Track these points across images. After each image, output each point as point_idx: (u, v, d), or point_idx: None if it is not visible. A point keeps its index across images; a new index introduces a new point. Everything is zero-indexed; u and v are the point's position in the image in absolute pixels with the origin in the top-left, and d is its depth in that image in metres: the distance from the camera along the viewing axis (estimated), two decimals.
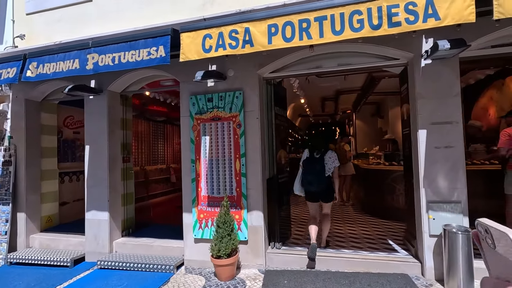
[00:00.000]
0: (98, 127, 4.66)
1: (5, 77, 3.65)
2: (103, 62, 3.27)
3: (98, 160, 4.64)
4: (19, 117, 5.15)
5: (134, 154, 8.02)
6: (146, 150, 8.68)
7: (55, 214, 5.68)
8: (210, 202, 4.02)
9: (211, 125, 4.06)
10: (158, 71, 4.46)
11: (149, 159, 8.81)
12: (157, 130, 9.36)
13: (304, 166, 4.07)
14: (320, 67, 4.10)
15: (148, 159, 8.78)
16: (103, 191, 4.60)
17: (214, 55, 2.88)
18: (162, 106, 8.42)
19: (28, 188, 5.11)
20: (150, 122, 8.95)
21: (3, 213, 5.02)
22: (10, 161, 5.10)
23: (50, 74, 3.47)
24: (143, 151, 8.54)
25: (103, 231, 4.57)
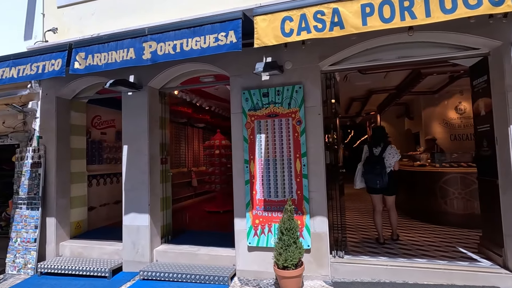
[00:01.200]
0: (138, 125, 4.33)
1: (49, 70, 3.33)
2: (162, 51, 2.95)
3: (137, 161, 4.30)
4: (50, 116, 4.82)
5: None
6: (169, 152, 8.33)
7: (84, 220, 5.32)
8: (267, 206, 3.67)
9: (267, 122, 3.73)
10: (204, 65, 4.15)
11: (172, 162, 8.46)
12: (179, 132, 9.03)
13: (365, 164, 4.31)
14: (378, 60, 3.79)
15: (171, 162, 8.42)
16: (143, 195, 4.25)
17: (296, 39, 2.56)
18: (187, 106, 8.10)
19: (58, 192, 4.77)
20: (172, 123, 8.62)
21: (32, 219, 4.66)
22: (40, 162, 4.76)
23: (102, 66, 3.15)
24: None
25: (143, 238, 4.21)
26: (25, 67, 3.48)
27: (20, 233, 4.68)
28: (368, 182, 4.24)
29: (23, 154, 4.91)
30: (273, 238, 3.60)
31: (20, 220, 4.73)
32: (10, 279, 4.38)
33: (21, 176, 4.87)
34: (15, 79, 3.51)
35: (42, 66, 3.40)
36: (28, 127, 5.05)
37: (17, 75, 3.49)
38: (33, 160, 4.81)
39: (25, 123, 5.06)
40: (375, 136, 4.42)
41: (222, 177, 7.04)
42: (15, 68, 3.52)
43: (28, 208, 4.72)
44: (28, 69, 3.46)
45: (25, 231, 4.66)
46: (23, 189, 4.81)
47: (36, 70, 3.42)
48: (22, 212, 4.75)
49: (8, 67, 3.54)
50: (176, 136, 8.80)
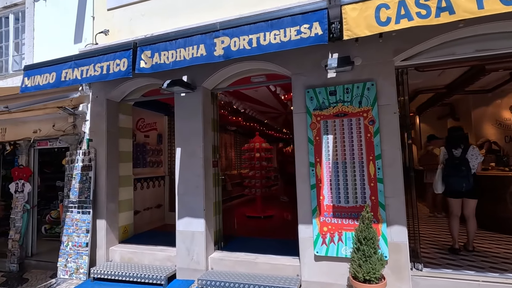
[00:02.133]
0: (192, 127, 4.18)
1: (115, 71, 3.23)
2: (236, 46, 2.77)
3: (191, 164, 4.15)
4: (100, 119, 4.78)
5: None
6: None
7: (131, 224, 5.23)
8: (336, 213, 3.40)
9: (335, 122, 3.48)
10: (263, 64, 3.95)
11: None
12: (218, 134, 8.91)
13: (447, 166, 4.04)
14: (453, 54, 3.46)
15: None
16: (198, 199, 4.08)
17: (395, 28, 2.31)
18: (222, 109, 7.96)
19: (108, 196, 4.69)
20: None
21: (83, 223, 4.60)
22: (90, 165, 4.71)
23: (170, 64, 3.01)
24: None
25: (198, 244, 4.03)
26: (88, 68, 3.40)
27: (71, 237, 4.63)
28: (453, 185, 3.95)
29: (73, 157, 4.89)
30: (344, 247, 3.33)
31: (71, 223, 4.68)
32: (62, 283, 4.32)
33: (72, 179, 4.84)
34: (79, 81, 3.44)
35: (106, 66, 3.31)
36: (78, 130, 5.03)
37: (80, 76, 3.42)
38: (84, 163, 4.77)
39: (75, 126, 5.05)
40: (454, 137, 4.12)
41: (263, 181, 6.82)
42: (77, 69, 3.45)
43: (79, 212, 4.67)
44: (91, 70, 3.38)
45: (77, 235, 4.60)
46: (73, 192, 4.77)
47: (100, 71, 3.33)
48: (73, 216, 4.70)
49: (70, 68, 3.48)
50: None
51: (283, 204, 8.67)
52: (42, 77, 3.64)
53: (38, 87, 3.65)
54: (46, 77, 3.62)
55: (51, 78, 3.59)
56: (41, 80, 3.64)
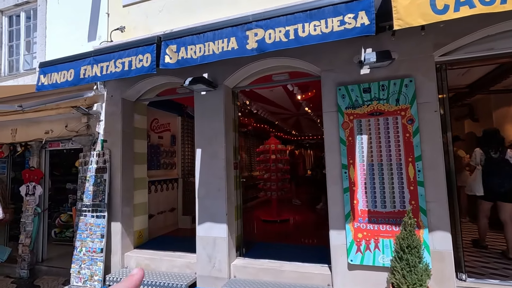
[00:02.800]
0: (214, 128, 3.99)
1: (137, 67, 3.04)
2: (271, 39, 2.57)
3: (213, 166, 3.95)
4: (115, 119, 4.59)
5: None
6: None
7: (145, 229, 5.03)
8: (372, 218, 3.18)
9: (369, 121, 3.27)
10: (290, 60, 3.76)
11: None
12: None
13: (487, 168, 3.97)
14: (492, 49, 3.25)
15: None
16: (220, 203, 3.88)
17: (453, 16, 2.11)
18: None
19: (123, 199, 4.50)
20: None
21: (97, 227, 4.40)
22: (105, 167, 4.52)
23: (198, 59, 2.82)
24: None
25: (220, 251, 3.82)
26: (108, 64, 3.22)
27: (85, 242, 4.43)
28: (493, 186, 3.94)
29: (87, 158, 4.70)
30: (382, 255, 3.10)
31: (85, 228, 4.48)
32: None
33: (85, 182, 4.65)
34: (99, 78, 3.26)
35: (128, 62, 3.12)
36: (91, 130, 4.85)
37: (100, 73, 3.24)
38: (98, 164, 4.58)
39: (88, 127, 4.87)
40: (492, 140, 4.07)
41: (278, 184, 6.60)
42: (97, 65, 3.27)
43: (93, 216, 4.47)
44: (112, 67, 3.20)
45: (91, 240, 4.40)
46: (87, 196, 4.58)
47: (121, 67, 3.15)
48: (87, 220, 4.51)
49: (89, 65, 3.30)
50: None
51: (296, 207, 8.44)
52: (60, 75, 3.46)
53: (55, 85, 3.48)
54: (64, 74, 3.44)
55: (69, 75, 3.41)
56: (58, 77, 3.46)
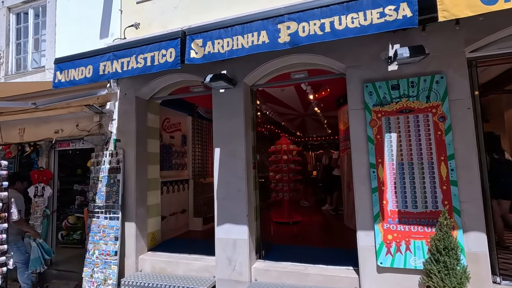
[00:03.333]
0: (233, 126, 3.88)
1: (160, 62, 2.93)
2: (305, 32, 2.47)
3: (233, 166, 3.84)
4: (129, 118, 4.47)
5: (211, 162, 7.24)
6: None
7: (158, 231, 4.89)
8: (403, 219, 3.07)
9: (399, 119, 3.18)
10: (310, 57, 3.67)
11: None
12: None
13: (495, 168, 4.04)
14: None
15: None
16: (240, 203, 3.76)
17: (504, 6, 2.02)
18: None
19: (137, 200, 4.37)
20: None
21: (111, 229, 4.27)
22: (118, 167, 4.39)
23: (225, 53, 2.72)
24: None
25: (240, 253, 3.70)
26: (129, 60, 3.10)
27: (98, 245, 4.29)
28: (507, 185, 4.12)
29: (99, 158, 4.58)
30: (413, 257, 2.99)
31: (98, 230, 4.35)
32: None
33: (98, 182, 4.52)
34: (120, 74, 3.13)
35: (150, 57, 3.01)
36: (103, 129, 4.73)
37: (121, 69, 3.12)
38: (111, 165, 4.46)
39: (100, 126, 4.75)
40: (495, 143, 4.32)
41: (290, 185, 6.50)
42: (117, 61, 3.15)
43: (107, 218, 4.34)
44: (133, 62, 3.08)
45: (104, 243, 4.26)
46: (100, 197, 4.44)
47: (143, 63, 3.04)
48: (99, 222, 4.37)
49: (109, 61, 3.18)
50: None
51: (305, 208, 8.33)
52: (77, 71, 3.34)
53: (73, 82, 3.36)
54: (82, 71, 3.32)
55: (87, 72, 3.29)
56: (76, 74, 3.35)
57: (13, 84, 3.91)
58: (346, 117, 5.79)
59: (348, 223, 5.74)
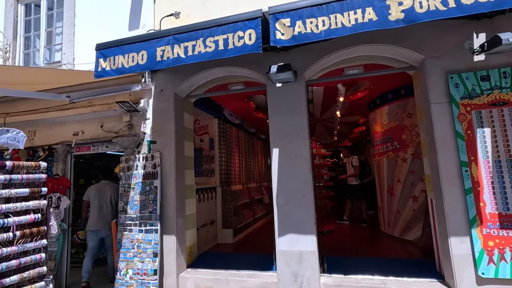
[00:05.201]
0: (294, 123, 3.49)
1: (237, 45, 2.51)
2: (423, 8, 2.16)
3: (294, 168, 3.43)
4: (167, 117, 3.98)
5: (236, 169, 6.79)
6: (244, 165, 7.45)
7: (194, 245, 4.34)
8: (505, 223, 2.76)
9: (492, 113, 2.91)
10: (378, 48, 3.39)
11: (246, 176, 7.55)
12: (251, 143, 8.20)
13: None
14: None
15: (246, 176, 7.52)
16: (305, 210, 3.34)
17: None
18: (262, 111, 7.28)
19: (177, 209, 3.84)
20: (246, 132, 7.80)
21: (148, 244, 3.70)
22: (155, 173, 3.87)
23: (321, 33, 2.36)
24: (242, 166, 7.30)
25: (308, 267, 3.25)
26: (195, 44, 2.68)
27: (131, 263, 3.70)
28: None
29: (131, 163, 4.03)
30: None
31: (131, 246, 3.76)
32: None
33: (129, 190, 3.96)
34: (184, 60, 2.69)
35: (223, 41, 2.60)
36: (134, 130, 4.19)
37: (185, 54, 2.69)
38: (146, 170, 3.92)
39: (130, 126, 4.21)
40: None
41: (323, 191, 6.11)
42: (179, 45, 2.71)
43: (142, 231, 3.77)
44: (200, 46, 2.66)
45: (139, 260, 3.68)
46: (133, 207, 3.88)
47: (214, 47, 2.62)
48: (133, 236, 3.79)
49: (169, 45, 2.74)
50: (248, 147, 7.94)
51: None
52: (127, 58, 2.87)
53: (121, 71, 2.88)
54: (133, 57, 2.85)
55: (140, 58, 2.83)
56: (125, 61, 2.87)
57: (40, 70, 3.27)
58: (384, 119, 5.58)
59: (390, 230, 5.40)
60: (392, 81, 4.79)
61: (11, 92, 3.15)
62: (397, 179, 5.16)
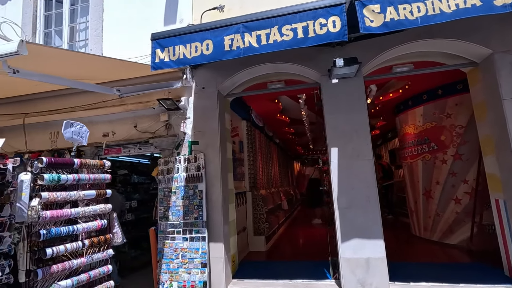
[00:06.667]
0: (354, 121, 3.31)
1: (318, 33, 2.30)
2: None
3: (356, 168, 3.23)
4: (210, 116, 3.74)
5: (260, 173, 6.54)
6: (266, 169, 7.20)
7: (236, 253, 4.05)
8: None
9: None
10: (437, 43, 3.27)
11: (267, 181, 7.30)
12: (269, 147, 7.97)
13: None
14: None
15: (267, 181, 7.26)
16: (371, 214, 3.13)
17: None
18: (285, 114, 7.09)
19: (224, 215, 3.56)
20: (265, 136, 7.58)
21: (195, 253, 3.40)
22: (199, 175, 3.59)
23: (417, 20, 2.19)
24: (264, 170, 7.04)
25: (376, 275, 3.02)
26: (269, 32, 2.47)
27: (176, 274, 3.38)
28: None
29: (170, 166, 3.74)
30: None
31: (175, 255, 3.45)
32: None
33: (170, 195, 3.65)
34: (257, 49, 2.47)
35: (302, 28, 2.40)
36: (173, 130, 3.91)
37: (257, 43, 2.47)
38: (188, 172, 3.64)
39: (168, 126, 3.93)
40: None
41: None
42: (250, 34, 2.50)
43: (186, 239, 3.46)
44: (276, 35, 2.44)
45: (186, 271, 3.37)
46: (175, 212, 3.58)
47: (292, 35, 2.41)
48: (176, 244, 3.48)
49: (238, 33, 2.52)
50: (267, 150, 7.70)
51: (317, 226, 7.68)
52: (189, 48, 2.63)
53: (183, 61, 2.64)
54: (196, 47, 2.61)
55: (205, 48, 2.59)
56: (187, 51, 2.63)
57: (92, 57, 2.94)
58: (418, 120, 5.47)
59: (427, 234, 5.22)
60: (432, 79, 4.68)
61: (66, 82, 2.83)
62: (436, 181, 5.01)
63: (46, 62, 2.73)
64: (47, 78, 2.77)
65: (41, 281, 1.72)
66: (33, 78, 2.59)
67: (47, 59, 2.63)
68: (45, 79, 2.77)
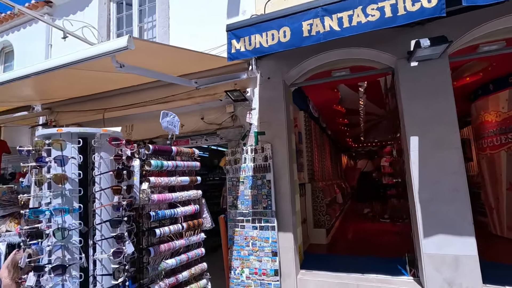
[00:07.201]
0: (436, 107, 3.03)
1: (410, 10, 2.12)
2: None
3: (439, 158, 2.96)
4: (276, 106, 3.72)
5: (316, 165, 6.40)
6: (320, 161, 7.04)
7: (301, 244, 4.03)
8: None
9: None
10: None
11: (322, 173, 7.14)
12: (322, 138, 7.78)
13: None
14: None
15: (322, 173, 7.11)
16: (459, 207, 2.86)
17: None
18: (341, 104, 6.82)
19: (292, 205, 3.55)
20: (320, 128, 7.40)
21: (265, 242, 3.45)
22: (267, 166, 3.60)
23: None
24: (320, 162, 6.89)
25: (467, 274, 2.76)
26: (351, 14, 2.34)
27: (247, 262, 3.47)
28: None
29: (237, 156, 3.82)
30: None
31: (245, 243, 3.54)
32: None
33: (238, 184, 3.74)
34: (339, 33, 2.37)
35: (390, 6, 2.23)
36: (239, 121, 3.98)
37: (339, 26, 2.36)
38: (256, 162, 3.68)
39: (234, 117, 4.01)
40: None
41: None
42: (330, 17, 2.40)
43: (256, 227, 3.53)
44: (360, 16, 2.31)
45: (256, 259, 3.44)
46: (244, 202, 3.66)
47: (379, 15, 2.26)
48: (246, 233, 3.56)
49: (317, 18, 2.44)
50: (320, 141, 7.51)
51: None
52: (265, 36, 2.62)
53: (259, 50, 2.64)
54: (273, 35, 2.59)
55: (282, 35, 2.55)
56: (263, 40, 2.62)
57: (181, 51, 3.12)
58: (501, 106, 4.86)
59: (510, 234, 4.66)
60: None
61: (152, 74, 3.06)
62: None
63: (140, 57, 2.93)
64: (144, 71, 2.98)
65: (153, 259, 1.87)
66: (134, 71, 2.82)
67: (141, 53, 2.82)
68: (143, 73, 2.99)
